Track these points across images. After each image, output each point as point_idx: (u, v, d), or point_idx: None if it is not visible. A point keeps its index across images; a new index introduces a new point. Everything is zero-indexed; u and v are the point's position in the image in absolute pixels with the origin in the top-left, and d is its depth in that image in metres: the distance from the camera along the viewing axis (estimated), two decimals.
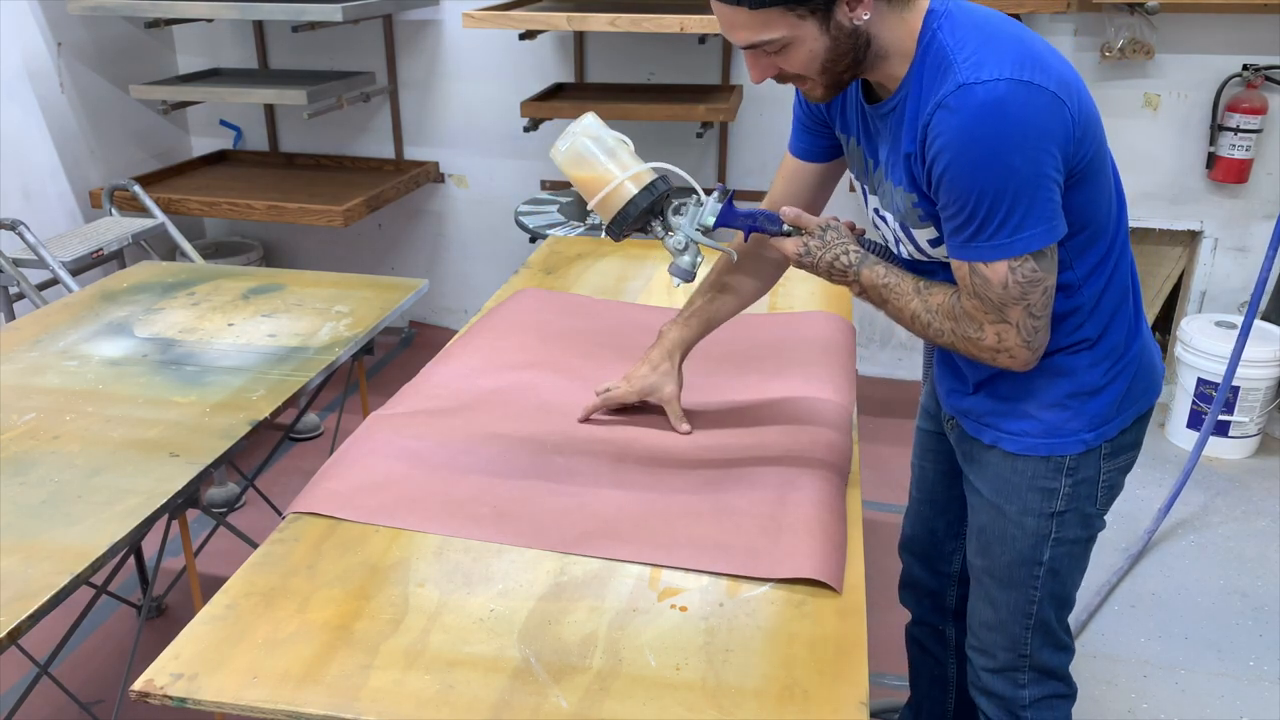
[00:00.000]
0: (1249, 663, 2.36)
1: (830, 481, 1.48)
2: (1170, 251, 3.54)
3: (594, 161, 1.43)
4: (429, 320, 4.19)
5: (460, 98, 3.77)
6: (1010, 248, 1.19)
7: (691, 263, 1.49)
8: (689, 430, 1.60)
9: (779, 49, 1.22)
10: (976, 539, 1.49)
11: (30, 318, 2.14)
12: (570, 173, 1.45)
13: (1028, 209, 1.17)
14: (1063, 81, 1.17)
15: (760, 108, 3.50)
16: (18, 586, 1.27)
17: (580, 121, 1.45)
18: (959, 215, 1.19)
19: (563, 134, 1.45)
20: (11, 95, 3.15)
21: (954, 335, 1.29)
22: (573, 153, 1.44)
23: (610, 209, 1.43)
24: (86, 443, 1.62)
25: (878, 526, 2.77)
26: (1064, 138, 1.17)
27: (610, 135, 1.45)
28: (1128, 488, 1.49)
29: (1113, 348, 1.35)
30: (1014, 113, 1.13)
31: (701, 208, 1.45)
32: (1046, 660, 1.50)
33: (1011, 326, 1.24)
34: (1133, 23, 3.16)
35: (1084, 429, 1.36)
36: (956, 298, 1.28)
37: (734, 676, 1.12)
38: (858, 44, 1.21)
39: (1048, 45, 1.21)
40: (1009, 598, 1.47)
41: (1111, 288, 1.33)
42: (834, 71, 1.24)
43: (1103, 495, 1.41)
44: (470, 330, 2.01)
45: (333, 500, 1.43)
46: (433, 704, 1.08)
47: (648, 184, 1.42)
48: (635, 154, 1.45)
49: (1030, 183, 1.16)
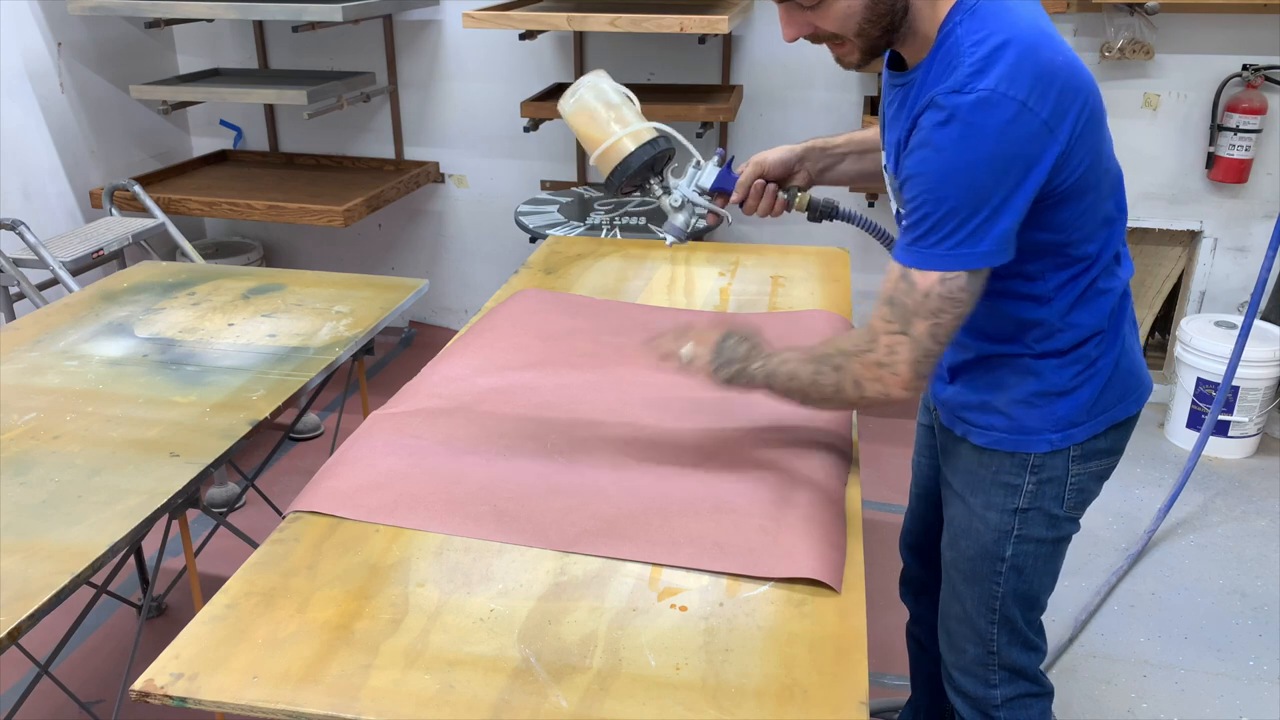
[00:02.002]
0: (1249, 663, 2.36)
1: (830, 481, 1.48)
2: (1170, 251, 3.55)
3: (598, 115, 1.47)
4: (429, 320, 4.19)
5: (460, 98, 3.77)
6: (949, 260, 1.17)
7: (686, 222, 1.53)
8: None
9: (814, 4, 1.20)
10: (947, 531, 1.51)
11: (30, 318, 2.14)
12: (574, 125, 1.49)
13: (980, 227, 1.15)
14: (1059, 110, 1.13)
15: (760, 108, 3.50)
16: (18, 586, 1.27)
17: (589, 76, 1.50)
18: (914, 214, 1.19)
19: (571, 86, 1.49)
20: (11, 95, 3.15)
21: (832, 367, 1.28)
22: (579, 105, 1.47)
23: (609, 162, 1.47)
24: (87, 443, 1.62)
25: (878, 526, 2.77)
26: (1042, 165, 1.15)
27: (616, 92, 1.49)
28: (1128, 488, 1.49)
29: (1083, 355, 1.34)
30: (996, 130, 1.11)
31: (700, 170, 1.49)
32: (1015, 659, 1.50)
33: (909, 341, 1.21)
34: (1133, 23, 3.16)
35: (1050, 429, 1.36)
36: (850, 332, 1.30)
37: (734, 676, 1.12)
38: (895, 7, 1.20)
39: (1069, 61, 1.16)
40: (972, 591, 1.47)
41: (1089, 307, 1.31)
42: (870, 35, 1.22)
43: (1071, 498, 1.40)
44: (470, 330, 2.01)
45: (333, 499, 1.43)
46: (433, 704, 1.08)
47: (647, 140, 1.46)
48: (640, 113, 1.48)
49: (991, 203, 1.14)
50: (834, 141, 1.57)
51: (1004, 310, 1.32)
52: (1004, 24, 1.15)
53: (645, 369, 1.86)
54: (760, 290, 2.26)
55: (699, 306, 2.18)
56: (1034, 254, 1.26)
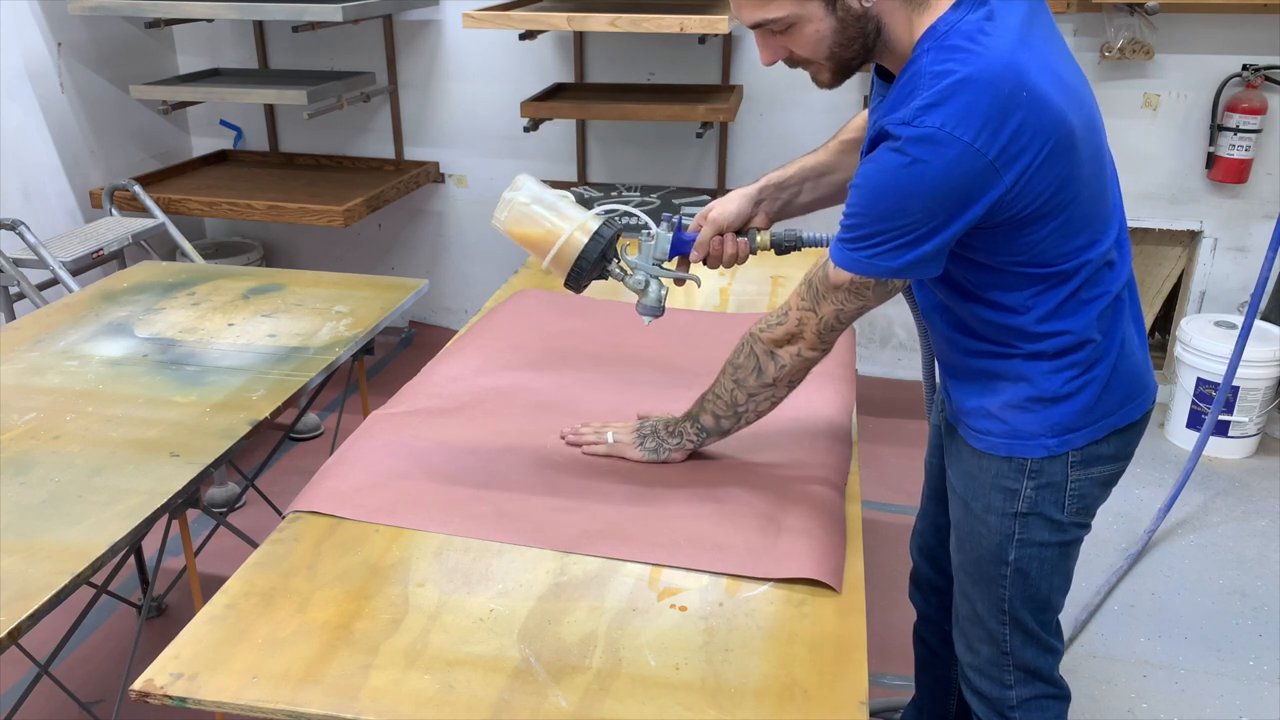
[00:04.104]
0: (1249, 663, 2.36)
1: (830, 481, 1.48)
2: (1170, 251, 3.55)
3: (539, 220, 1.42)
4: (429, 320, 4.19)
5: (460, 98, 3.77)
6: (865, 266, 1.24)
7: (657, 297, 1.50)
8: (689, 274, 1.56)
9: (785, 28, 1.22)
10: (954, 533, 1.51)
11: (30, 318, 2.14)
12: (517, 236, 1.43)
13: (901, 247, 1.20)
14: (1010, 150, 1.13)
15: (760, 108, 3.50)
16: (18, 586, 1.27)
17: (515, 185, 1.44)
18: (848, 218, 1.24)
19: (500, 202, 1.44)
20: (11, 95, 3.15)
21: (746, 354, 1.42)
22: (515, 215, 1.42)
23: (565, 263, 1.42)
24: (87, 443, 1.62)
25: (878, 526, 2.77)
26: (981, 203, 1.16)
27: (549, 192, 1.44)
28: (1128, 488, 1.48)
29: (1075, 361, 1.32)
30: (938, 168, 1.13)
31: (653, 241, 1.47)
32: (1031, 660, 1.49)
33: (816, 317, 1.33)
34: (1132, 23, 3.16)
35: (1046, 434, 1.35)
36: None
37: (734, 676, 1.12)
38: (866, 29, 1.20)
39: (1037, 95, 1.13)
40: (980, 593, 1.47)
41: (1072, 315, 1.30)
42: (841, 57, 1.24)
43: (1073, 504, 1.39)
44: (470, 330, 2.01)
45: (333, 499, 1.43)
46: (433, 704, 1.08)
47: (595, 231, 1.41)
48: (575, 202, 1.44)
49: (918, 230, 1.18)
50: (787, 174, 1.56)
51: (982, 315, 1.33)
52: (971, 56, 1.14)
53: (645, 369, 1.86)
54: (760, 290, 2.26)
55: (699, 307, 2.18)
56: (998, 270, 1.27)
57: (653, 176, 3.66)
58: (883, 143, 1.18)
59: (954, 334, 1.39)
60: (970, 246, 1.25)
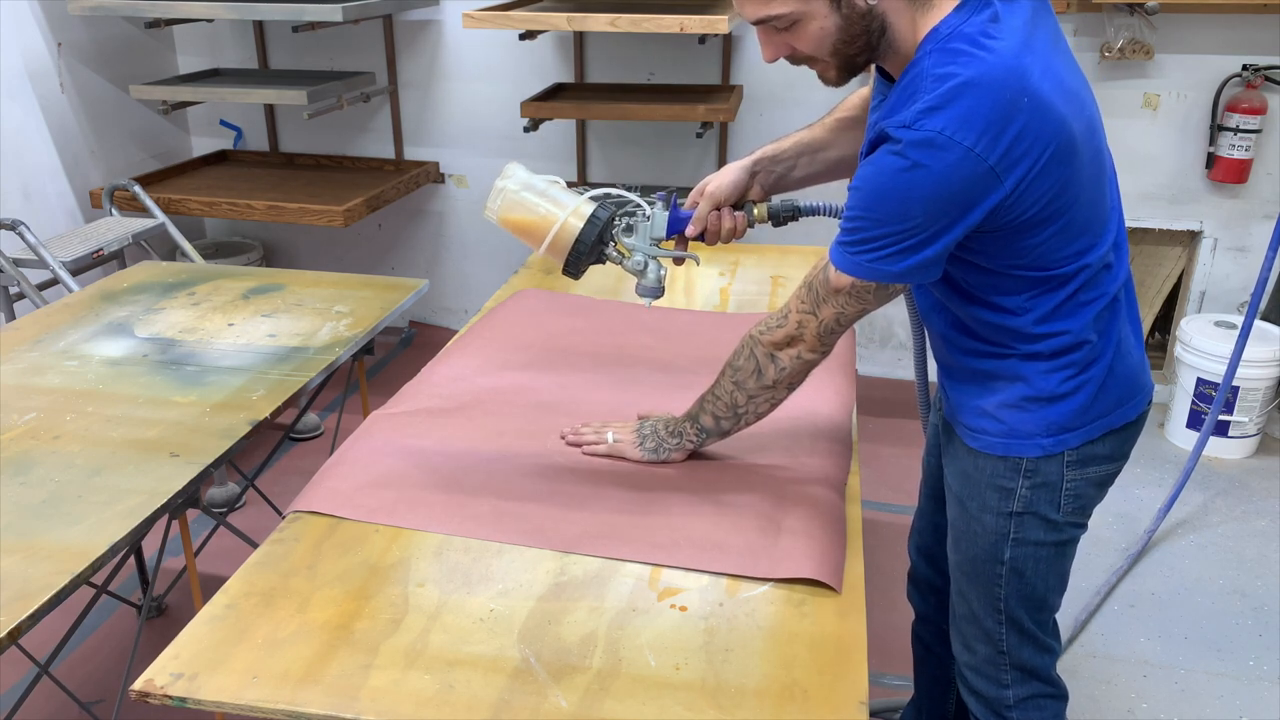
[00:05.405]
0: (1249, 663, 2.36)
1: (830, 482, 1.49)
2: (1170, 251, 3.55)
3: (532, 207, 1.40)
4: (429, 320, 4.19)
5: (460, 98, 3.77)
6: (865, 270, 1.24)
7: (657, 278, 1.48)
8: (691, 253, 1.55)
9: (788, 25, 1.21)
10: (950, 532, 1.51)
11: (30, 318, 2.14)
12: (510, 224, 1.42)
13: (902, 251, 1.19)
14: (1011, 154, 1.13)
15: (760, 108, 3.50)
16: (18, 586, 1.27)
17: (506, 173, 1.43)
18: (849, 221, 1.24)
19: (492, 191, 1.43)
20: (11, 95, 3.15)
21: (746, 356, 1.42)
22: (508, 204, 1.41)
23: (561, 249, 1.41)
24: (87, 443, 1.62)
25: (877, 526, 2.77)
26: (981, 207, 1.16)
27: (540, 178, 1.43)
28: (1128, 488, 1.48)
29: (1071, 361, 1.32)
30: (939, 171, 1.13)
31: (649, 221, 1.45)
32: (1027, 659, 1.49)
33: (816, 320, 1.33)
34: (1132, 23, 3.16)
35: (1041, 434, 1.35)
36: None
37: (734, 676, 1.12)
38: (871, 27, 1.20)
39: (1039, 100, 1.13)
40: (976, 592, 1.47)
41: (1069, 317, 1.30)
42: (846, 54, 1.23)
43: (1068, 504, 1.39)
44: (470, 330, 2.02)
45: (333, 499, 1.43)
46: (433, 704, 1.08)
47: (590, 215, 1.40)
48: (566, 188, 1.43)
49: (919, 235, 1.18)
50: (782, 147, 1.55)
51: (980, 316, 1.33)
52: (974, 60, 1.13)
53: (645, 369, 1.86)
54: (760, 290, 2.26)
55: (699, 307, 2.18)
56: (997, 273, 1.27)
57: (653, 176, 3.66)
58: (882, 145, 1.17)
59: (952, 334, 1.39)
60: (969, 250, 1.25)
